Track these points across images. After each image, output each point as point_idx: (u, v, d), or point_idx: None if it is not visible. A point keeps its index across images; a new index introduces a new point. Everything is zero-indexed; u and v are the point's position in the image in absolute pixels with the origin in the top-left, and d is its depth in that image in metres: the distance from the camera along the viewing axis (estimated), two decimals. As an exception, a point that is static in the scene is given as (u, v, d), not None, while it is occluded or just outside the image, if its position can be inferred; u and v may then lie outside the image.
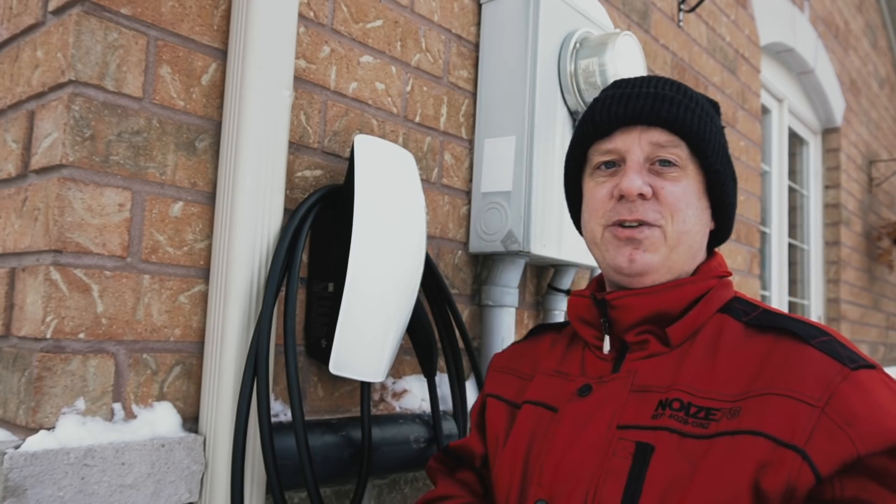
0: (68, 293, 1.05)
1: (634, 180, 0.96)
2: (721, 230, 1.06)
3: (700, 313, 0.96)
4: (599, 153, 1.03)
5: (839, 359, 0.84)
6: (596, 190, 1.02)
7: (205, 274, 1.22)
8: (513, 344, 1.24)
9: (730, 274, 1.04)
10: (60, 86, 1.08)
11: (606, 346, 1.00)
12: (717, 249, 1.08)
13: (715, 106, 1.07)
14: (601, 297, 1.00)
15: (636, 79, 1.03)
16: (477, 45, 1.78)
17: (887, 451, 0.77)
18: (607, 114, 1.00)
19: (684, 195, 0.98)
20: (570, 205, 1.15)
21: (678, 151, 0.98)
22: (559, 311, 1.92)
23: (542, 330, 1.21)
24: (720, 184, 1.01)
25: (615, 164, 1.01)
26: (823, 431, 0.79)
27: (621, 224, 0.98)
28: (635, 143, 0.99)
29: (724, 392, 0.87)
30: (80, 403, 1.06)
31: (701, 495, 0.81)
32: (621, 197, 0.98)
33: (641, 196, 0.97)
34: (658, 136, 0.98)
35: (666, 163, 0.98)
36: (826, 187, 4.78)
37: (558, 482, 0.93)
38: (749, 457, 0.80)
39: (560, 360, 1.08)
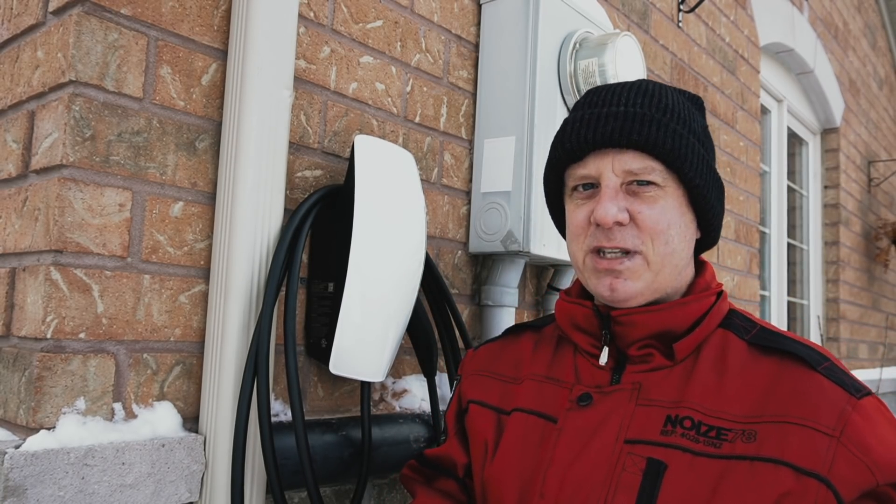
0: (69, 293, 1.05)
1: (609, 209, 0.93)
2: (707, 238, 1.04)
3: (703, 329, 0.96)
4: (574, 178, 0.99)
5: (845, 387, 0.86)
6: (575, 213, 1.00)
7: (205, 274, 1.22)
8: (486, 343, 1.19)
9: (722, 285, 1.03)
10: (61, 86, 1.08)
11: (604, 358, 0.98)
12: (706, 259, 1.07)
13: (696, 102, 1.04)
14: (606, 311, 0.97)
15: (606, 95, 0.99)
16: (477, 46, 1.78)
17: (894, 483, 0.82)
18: (577, 138, 0.96)
19: (663, 216, 0.94)
20: (554, 220, 1.13)
21: (656, 171, 0.94)
22: (559, 311, 1.92)
23: (518, 329, 1.17)
24: (702, 196, 0.97)
25: (593, 185, 0.98)
26: (843, 461, 0.81)
27: (600, 251, 0.96)
28: (608, 168, 0.95)
29: (734, 413, 0.87)
30: (81, 403, 1.06)
31: None
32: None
33: (619, 223, 0.94)
34: (631, 159, 0.94)
35: (643, 182, 0.95)
36: (825, 187, 4.78)
37: (564, 495, 0.91)
38: (772, 485, 0.81)
39: (549, 365, 1.05)
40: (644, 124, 0.93)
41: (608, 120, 0.95)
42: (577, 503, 0.89)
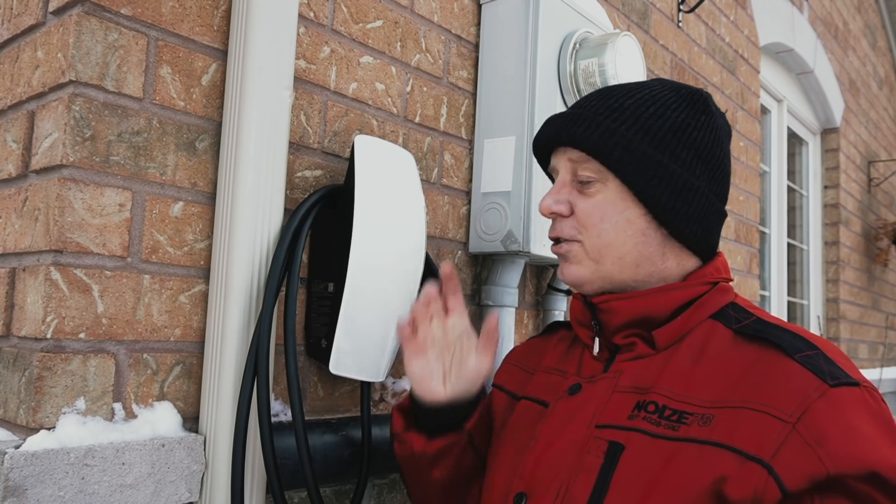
0: (69, 293, 1.05)
1: (546, 201, 1.03)
2: (674, 232, 0.99)
3: (689, 318, 0.96)
4: (551, 170, 1.09)
5: (819, 374, 0.83)
6: None
7: (205, 274, 1.22)
8: (530, 339, 1.28)
9: (729, 279, 1.02)
10: (61, 86, 1.08)
11: (596, 348, 1.04)
12: (720, 251, 1.05)
13: (691, 99, 1.01)
14: (590, 300, 1.03)
15: (584, 98, 1.06)
16: (477, 46, 1.78)
17: (865, 476, 0.77)
18: (540, 135, 1.07)
19: (597, 209, 0.99)
20: None
21: (590, 166, 0.99)
22: (559, 311, 1.92)
23: (556, 327, 1.23)
24: (640, 191, 0.97)
25: None
26: (792, 447, 0.79)
27: (554, 240, 1.06)
28: (561, 163, 1.04)
29: (701, 397, 0.89)
30: (81, 403, 1.06)
31: (662, 498, 0.84)
32: None
33: (560, 214, 1.03)
34: (572, 154, 1.02)
35: (584, 180, 1.01)
36: (825, 187, 4.79)
37: (536, 476, 0.96)
38: (713, 468, 0.82)
39: (561, 358, 1.12)
40: (577, 124, 1.00)
41: (557, 121, 1.04)
42: (545, 483, 0.94)
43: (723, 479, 0.81)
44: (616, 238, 0.99)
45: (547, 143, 1.06)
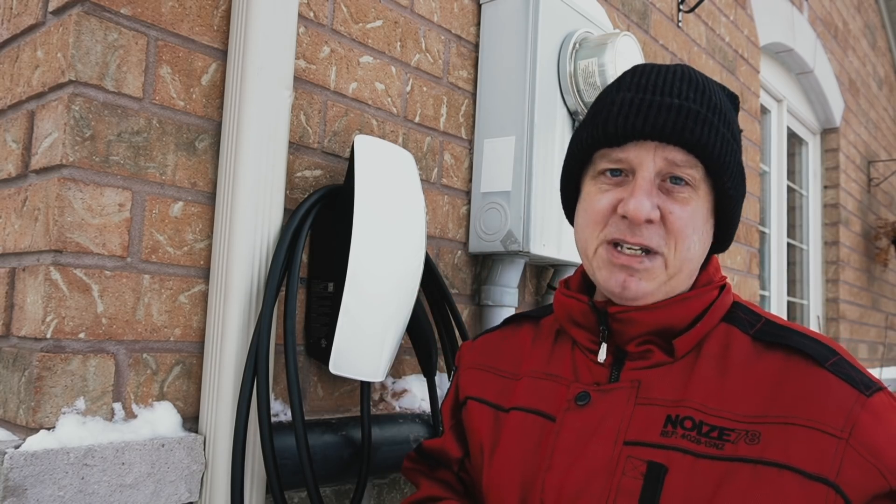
0: (68, 293, 1.05)
1: (643, 204, 0.87)
2: (718, 245, 1.00)
3: (705, 324, 0.92)
4: (607, 160, 0.93)
5: (854, 384, 0.83)
6: (597, 197, 0.93)
7: (205, 274, 1.22)
8: (485, 334, 1.15)
9: (725, 278, 1.00)
10: (60, 86, 1.08)
11: (602, 355, 0.95)
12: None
13: (734, 100, 0.99)
14: (602, 307, 0.94)
15: (657, 80, 0.92)
16: (477, 46, 1.78)
17: None
18: (623, 124, 0.89)
19: (692, 220, 0.90)
20: (564, 198, 1.06)
21: (693, 172, 0.90)
22: (559, 311, 1.92)
23: (517, 320, 1.12)
24: (731, 206, 0.94)
25: (622, 173, 0.92)
26: (852, 464, 0.78)
27: (619, 245, 0.91)
28: (649, 159, 0.89)
29: (737, 412, 0.84)
30: (81, 403, 1.06)
31: None
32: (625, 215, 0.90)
33: (649, 220, 0.88)
34: (675, 154, 0.89)
35: (678, 180, 0.90)
36: (825, 187, 4.78)
37: (564, 498, 0.88)
38: (777, 490, 0.79)
39: (547, 361, 1.02)
40: (697, 122, 0.88)
41: (660, 111, 0.88)
42: None
43: (788, 501, 0.78)
44: (697, 253, 0.92)
45: (639, 135, 0.89)
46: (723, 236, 0.98)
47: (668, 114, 0.88)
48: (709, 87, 0.93)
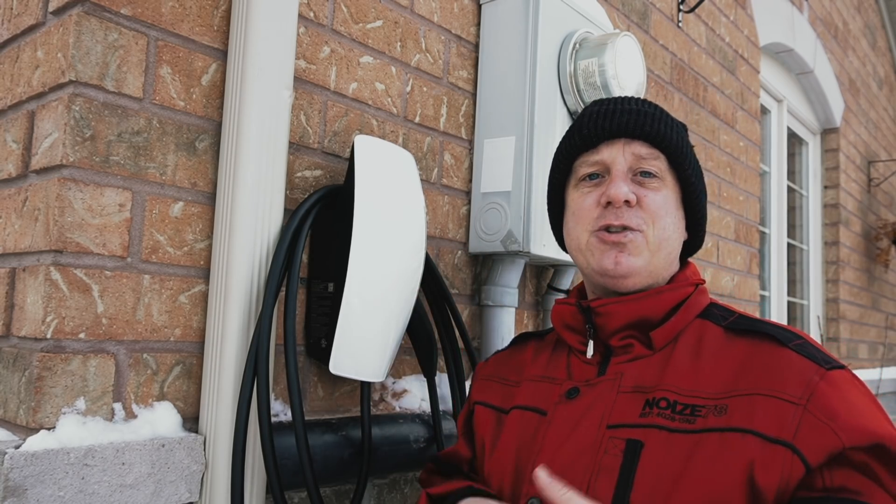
0: (68, 293, 1.05)
1: (621, 187, 1.02)
2: (693, 241, 1.13)
3: (681, 319, 1.02)
4: (586, 165, 1.08)
5: (815, 360, 0.90)
6: (582, 199, 1.08)
7: (205, 274, 1.22)
8: (496, 353, 1.28)
9: (703, 281, 1.09)
10: (61, 86, 1.08)
11: (590, 351, 1.05)
12: (689, 259, 1.14)
13: (685, 129, 1.15)
14: (586, 304, 1.05)
15: (617, 98, 1.11)
16: (477, 46, 1.78)
17: (868, 447, 0.83)
18: (594, 127, 1.06)
19: (664, 203, 1.04)
20: (550, 214, 1.20)
21: (658, 163, 1.05)
22: (559, 311, 1.92)
23: (524, 338, 1.24)
24: (695, 196, 1.08)
25: (599, 176, 1.07)
26: (808, 426, 0.85)
27: (607, 229, 1.04)
28: (619, 154, 1.05)
29: (708, 391, 0.92)
30: (81, 403, 1.06)
31: (693, 489, 0.86)
32: (608, 204, 1.03)
33: (627, 203, 1.02)
34: (640, 148, 1.05)
35: (647, 174, 1.04)
36: (825, 187, 4.79)
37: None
38: (740, 453, 0.85)
39: (546, 366, 1.12)
40: (654, 121, 1.05)
41: (622, 114, 1.06)
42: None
43: (751, 463, 0.84)
44: (672, 234, 1.05)
45: (608, 135, 1.06)
46: (695, 229, 1.11)
47: (629, 115, 1.06)
48: (660, 107, 1.11)
